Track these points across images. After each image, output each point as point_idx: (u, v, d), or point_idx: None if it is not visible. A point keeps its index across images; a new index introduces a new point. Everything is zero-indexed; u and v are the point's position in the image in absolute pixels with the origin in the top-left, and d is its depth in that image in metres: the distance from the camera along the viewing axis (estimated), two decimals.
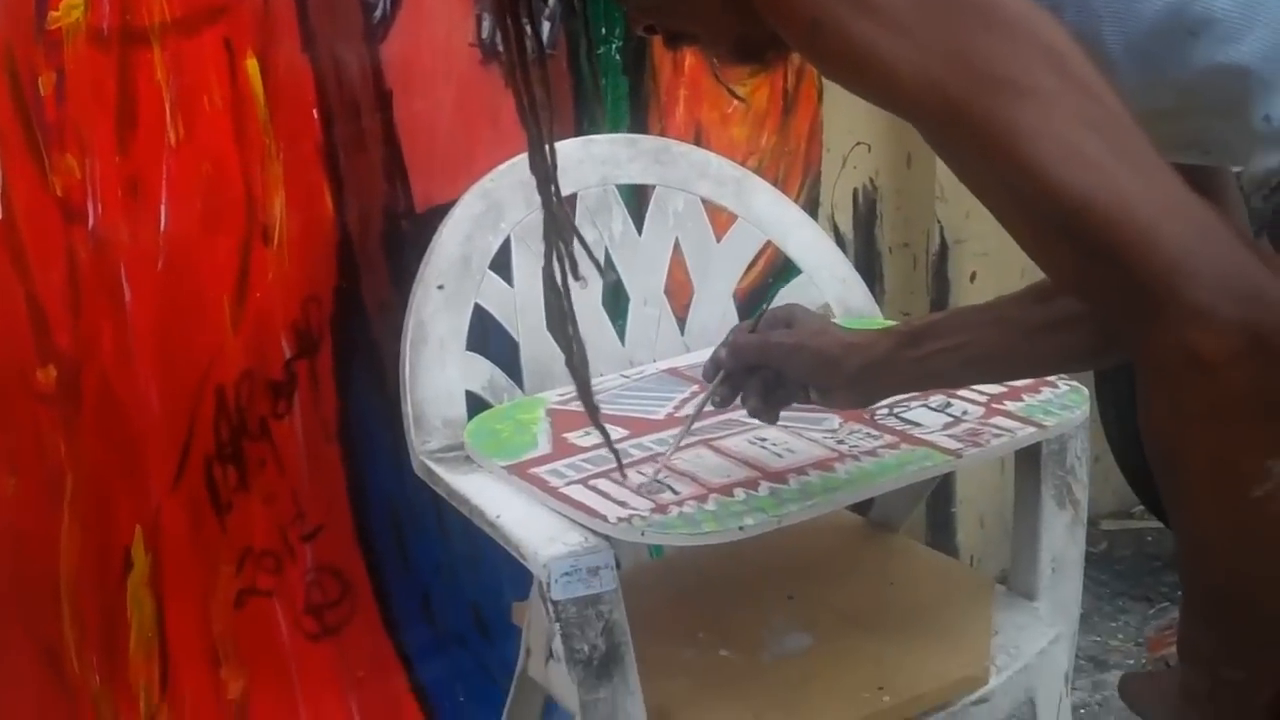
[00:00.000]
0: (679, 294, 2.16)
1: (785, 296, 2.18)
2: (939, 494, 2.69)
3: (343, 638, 2.26)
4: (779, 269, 2.28)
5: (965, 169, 1.05)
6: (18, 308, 1.92)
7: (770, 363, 1.60)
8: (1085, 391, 1.89)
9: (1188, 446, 0.98)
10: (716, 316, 2.16)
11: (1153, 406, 1.00)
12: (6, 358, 1.93)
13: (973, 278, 2.63)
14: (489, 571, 2.28)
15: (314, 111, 2.06)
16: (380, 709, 2.28)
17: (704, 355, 2.05)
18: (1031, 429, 1.82)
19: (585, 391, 1.58)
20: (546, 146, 1.42)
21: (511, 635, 1.99)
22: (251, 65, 2.00)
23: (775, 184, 2.29)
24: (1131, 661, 2.65)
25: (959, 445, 1.77)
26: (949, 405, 1.87)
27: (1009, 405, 1.86)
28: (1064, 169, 0.97)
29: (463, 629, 2.35)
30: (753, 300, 2.26)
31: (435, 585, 2.32)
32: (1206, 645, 1.10)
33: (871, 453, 1.76)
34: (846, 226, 2.59)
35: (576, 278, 1.50)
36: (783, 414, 1.78)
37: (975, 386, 1.88)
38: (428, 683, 2.33)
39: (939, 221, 2.59)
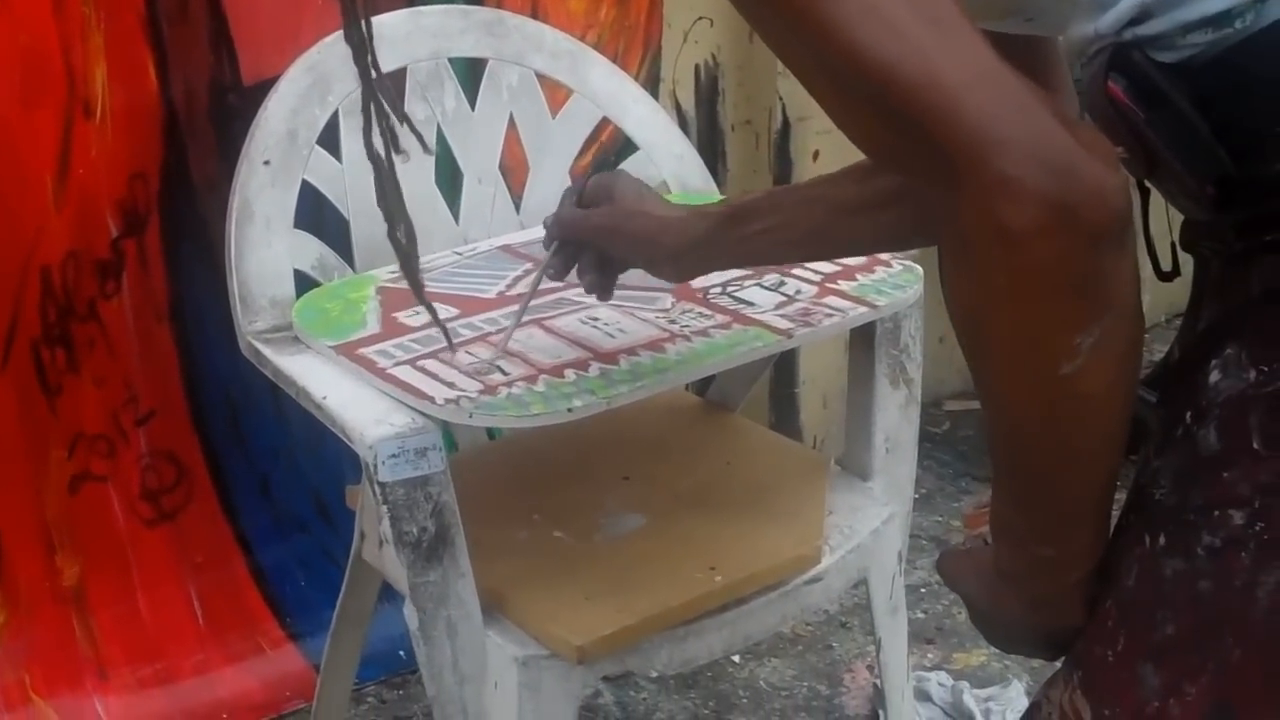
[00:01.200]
0: (516, 171, 2.13)
1: None
2: (782, 375, 2.69)
3: (180, 523, 2.24)
4: (620, 147, 2.25)
5: (772, 38, 1.03)
6: None
7: (590, 240, 1.60)
8: (919, 270, 1.89)
9: (994, 323, 0.97)
10: (553, 194, 2.10)
11: (958, 282, 0.98)
12: None
13: (815, 156, 2.62)
14: (329, 455, 2.25)
15: None
16: (220, 594, 2.27)
17: (539, 233, 2.05)
18: (864, 309, 1.82)
19: (409, 266, 1.56)
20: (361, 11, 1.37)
21: (352, 519, 1.97)
22: None
23: (615, 59, 2.26)
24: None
25: (790, 325, 1.77)
26: (782, 284, 1.86)
27: (842, 285, 1.86)
28: (869, 35, 0.94)
29: (303, 513, 2.33)
30: None
31: (274, 469, 2.30)
32: (1019, 524, 1.10)
33: (703, 333, 1.75)
34: (688, 104, 2.57)
35: (398, 151, 1.47)
36: (616, 294, 1.77)
37: (809, 265, 1.88)
38: (268, 568, 2.32)
39: (781, 98, 2.57)
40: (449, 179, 2.08)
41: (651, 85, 2.44)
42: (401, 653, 2.28)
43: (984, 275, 0.95)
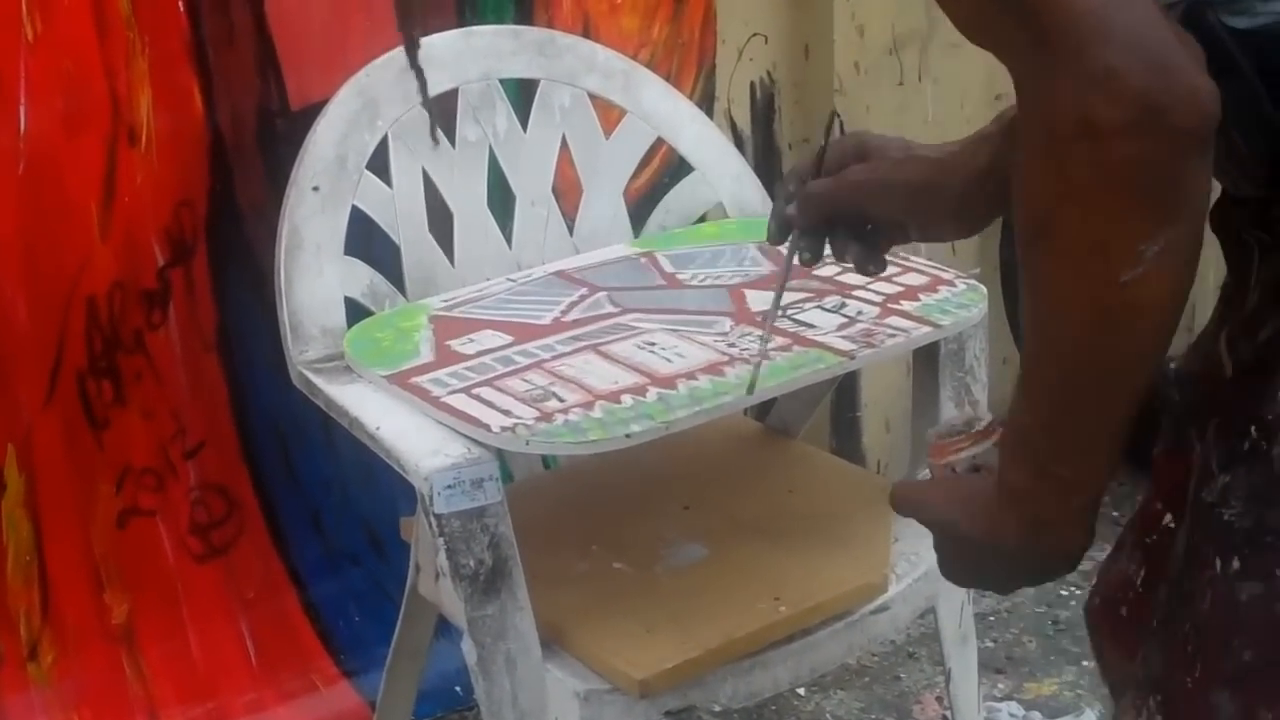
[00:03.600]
0: (568, 194, 2.09)
1: (677, 196, 2.12)
2: (843, 398, 2.64)
3: (230, 558, 2.20)
4: (675, 168, 2.21)
5: None
6: None
7: (853, 206, 1.40)
8: (983, 290, 1.84)
9: (1063, 222, 0.95)
10: (607, 217, 2.08)
11: (1034, 177, 0.96)
12: None
13: None
14: (382, 486, 2.21)
15: (179, 4, 1.96)
16: (272, 631, 2.23)
17: (593, 257, 2.02)
18: (927, 328, 1.77)
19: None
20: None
21: (406, 551, 1.93)
22: None
23: (668, 78, 2.22)
24: None
25: (853, 346, 1.72)
26: (843, 305, 1.81)
27: (905, 305, 1.80)
28: None
29: (355, 546, 2.29)
30: (647, 201, 2.18)
31: (325, 502, 2.26)
32: (1040, 443, 1.07)
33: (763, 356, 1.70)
34: (744, 122, 2.52)
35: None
36: (673, 317, 1.72)
37: (871, 287, 1.83)
38: (320, 602, 2.27)
39: (838, 115, 2.51)
40: (500, 202, 2.04)
41: (706, 104, 2.39)
42: (458, 689, 2.24)
43: (1063, 170, 0.93)
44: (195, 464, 2.14)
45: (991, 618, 2.50)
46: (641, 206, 2.14)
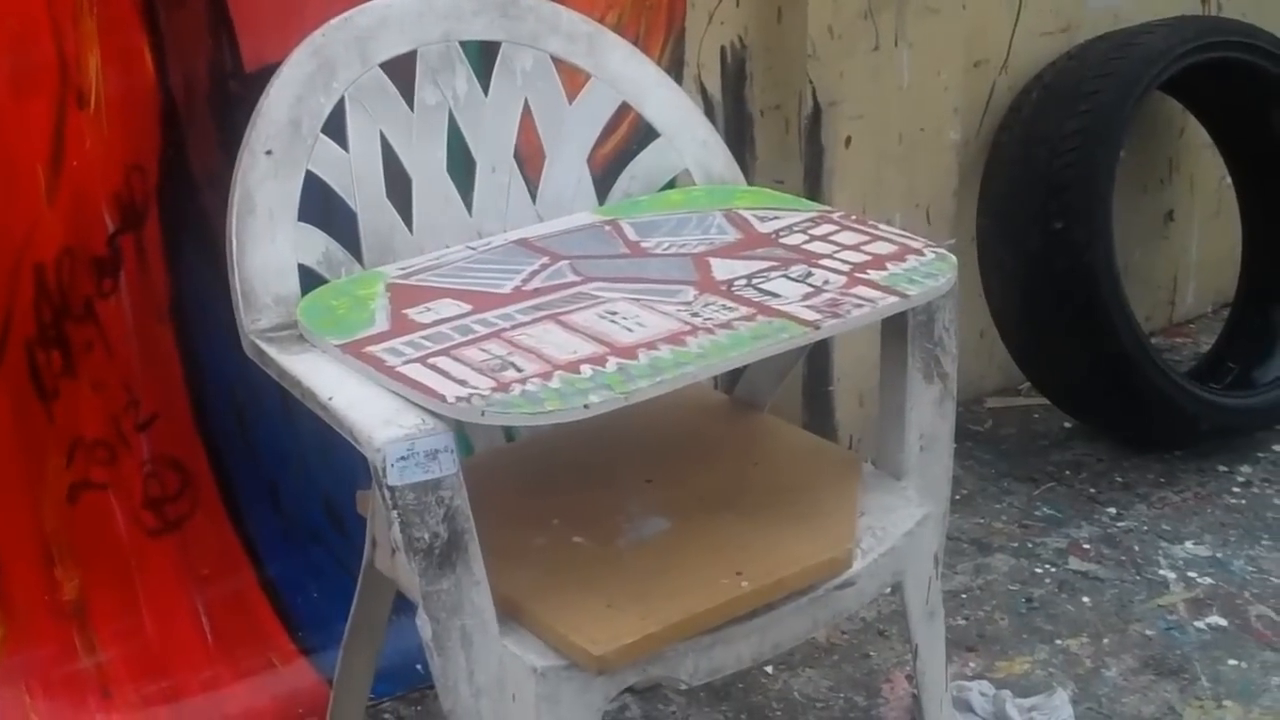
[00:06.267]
0: (532, 160, 2.04)
1: (643, 162, 2.06)
2: (815, 372, 2.59)
3: (185, 533, 2.16)
4: (643, 134, 2.16)
5: None
6: None
7: None
8: (953, 260, 1.80)
9: None
10: (571, 184, 2.03)
11: None
12: None
13: (848, 142, 2.52)
14: (341, 459, 2.15)
15: None
16: (228, 607, 2.18)
17: (556, 225, 1.97)
18: (894, 298, 1.72)
19: None
20: None
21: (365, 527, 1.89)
22: None
23: (635, 42, 2.17)
24: (1016, 544, 2.59)
25: (817, 316, 1.67)
26: (810, 275, 1.77)
27: (872, 274, 1.76)
28: None
29: (314, 521, 2.25)
30: (614, 168, 2.13)
31: (283, 475, 2.22)
32: None
33: (726, 325, 1.66)
34: (714, 88, 2.47)
35: None
36: (633, 285, 1.67)
37: (838, 256, 1.79)
38: (278, 579, 2.23)
39: (811, 82, 2.47)
40: (462, 168, 1.99)
41: (675, 69, 2.35)
42: (419, 666, 2.19)
43: None
44: (148, 436, 2.09)
45: (964, 595, 2.46)
46: (608, 174, 2.09)
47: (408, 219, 1.93)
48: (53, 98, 1.90)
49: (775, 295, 1.73)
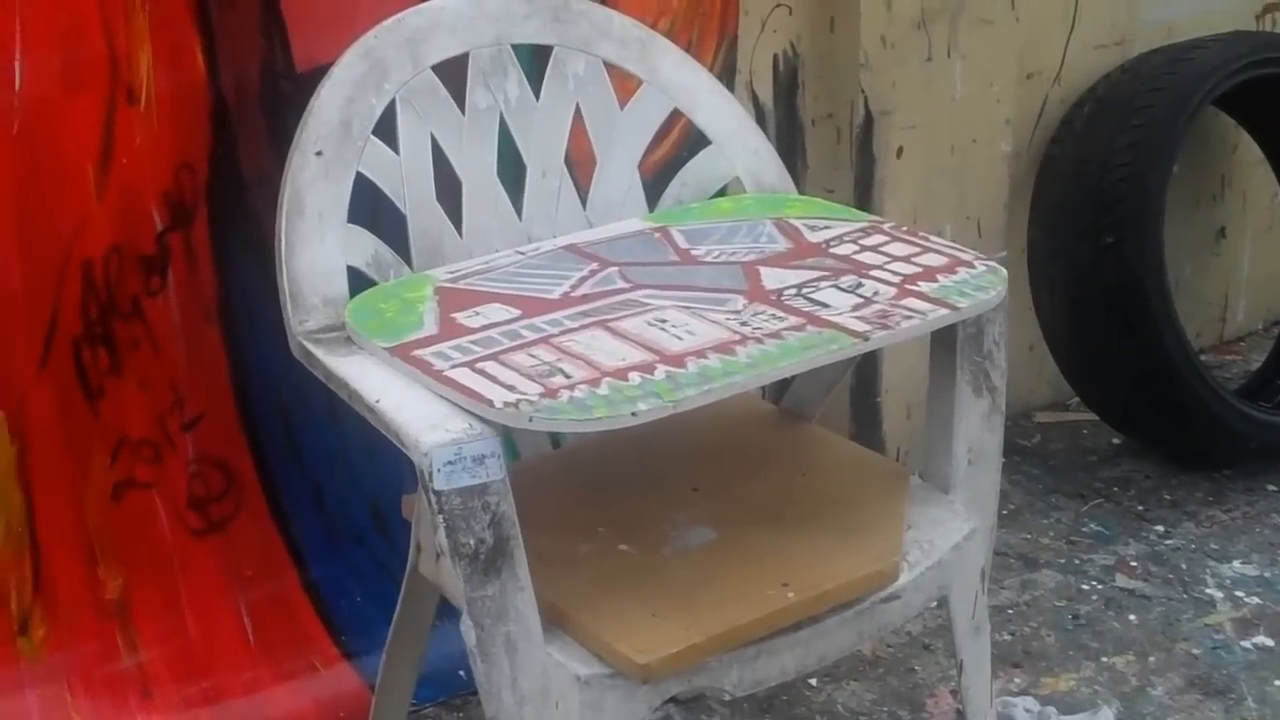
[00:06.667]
0: (582, 165, 2.03)
1: (693, 169, 2.05)
2: (863, 384, 2.58)
3: (229, 534, 2.15)
4: (694, 141, 2.14)
5: None
6: None
7: None
8: (1003, 273, 1.78)
9: None
10: (621, 190, 2.02)
11: None
12: None
13: (899, 152, 2.51)
14: (386, 463, 2.15)
15: None
16: (271, 609, 2.18)
17: (605, 231, 1.96)
18: (944, 311, 1.71)
19: None
20: None
21: (410, 531, 1.88)
22: None
23: (688, 49, 2.16)
24: (1063, 560, 2.57)
25: (867, 328, 1.66)
26: (859, 286, 1.75)
27: (923, 286, 1.74)
28: None
29: (358, 524, 2.24)
30: (664, 174, 2.12)
31: (328, 478, 2.21)
32: None
33: (775, 335, 1.65)
34: (766, 96, 2.46)
35: None
36: (685, 294, 1.66)
37: (888, 267, 1.77)
38: (321, 582, 2.22)
39: (864, 91, 2.46)
40: (511, 172, 1.98)
41: (727, 76, 2.33)
42: (461, 672, 2.19)
43: None
44: (193, 436, 2.09)
45: (1010, 610, 2.44)
46: (658, 180, 2.08)
47: (457, 222, 1.93)
48: (103, 94, 1.90)
49: (825, 305, 1.71)
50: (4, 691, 2.00)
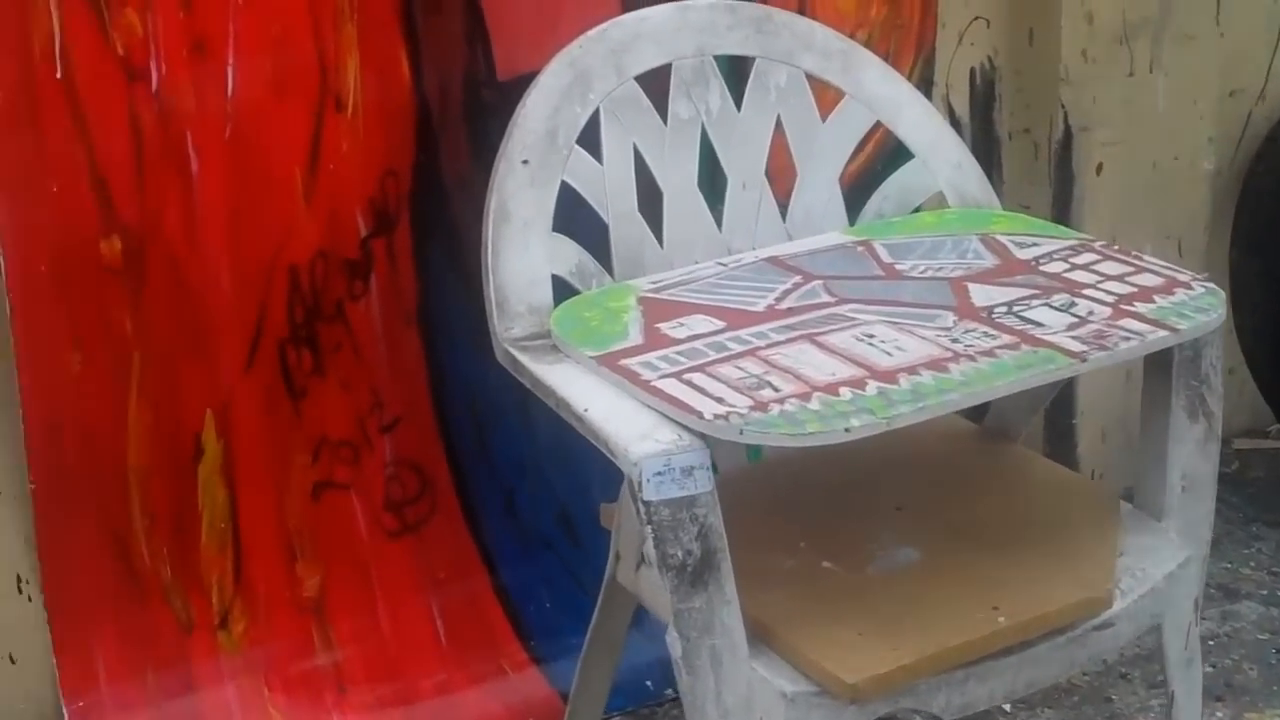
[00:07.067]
0: (779, 178, 2.01)
1: (895, 182, 2.03)
2: (1058, 403, 2.53)
3: (423, 536, 2.17)
4: (889, 154, 2.12)
5: None
6: (80, 173, 1.83)
7: None
8: (1221, 294, 1.73)
9: None
10: (821, 203, 2.00)
11: None
12: (70, 225, 1.85)
13: (1099, 169, 2.46)
14: (578, 470, 2.17)
15: None
16: (462, 612, 2.19)
17: (807, 244, 1.94)
18: (1163, 332, 1.66)
19: None
20: None
21: (600, 538, 1.88)
22: None
23: (885, 60, 2.13)
24: (1265, 592, 2.51)
25: (1084, 348, 1.62)
26: (1073, 305, 1.72)
27: (1139, 306, 1.70)
28: None
29: (548, 530, 2.24)
30: (860, 187, 2.10)
31: (519, 483, 2.21)
32: None
33: (989, 353, 1.62)
34: (962, 109, 2.43)
35: None
36: (892, 309, 1.64)
37: (1102, 286, 1.74)
38: (511, 586, 2.23)
39: (1063, 106, 2.42)
40: (710, 183, 1.97)
41: (924, 89, 2.31)
42: (649, 683, 2.18)
43: None
44: (391, 438, 2.10)
45: (1210, 642, 2.38)
46: (852, 193, 2.06)
47: (657, 233, 1.92)
48: (312, 101, 1.92)
49: (1038, 324, 1.68)
50: (205, 683, 2.04)
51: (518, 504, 2.21)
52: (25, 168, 1.79)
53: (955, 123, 2.41)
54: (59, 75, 1.77)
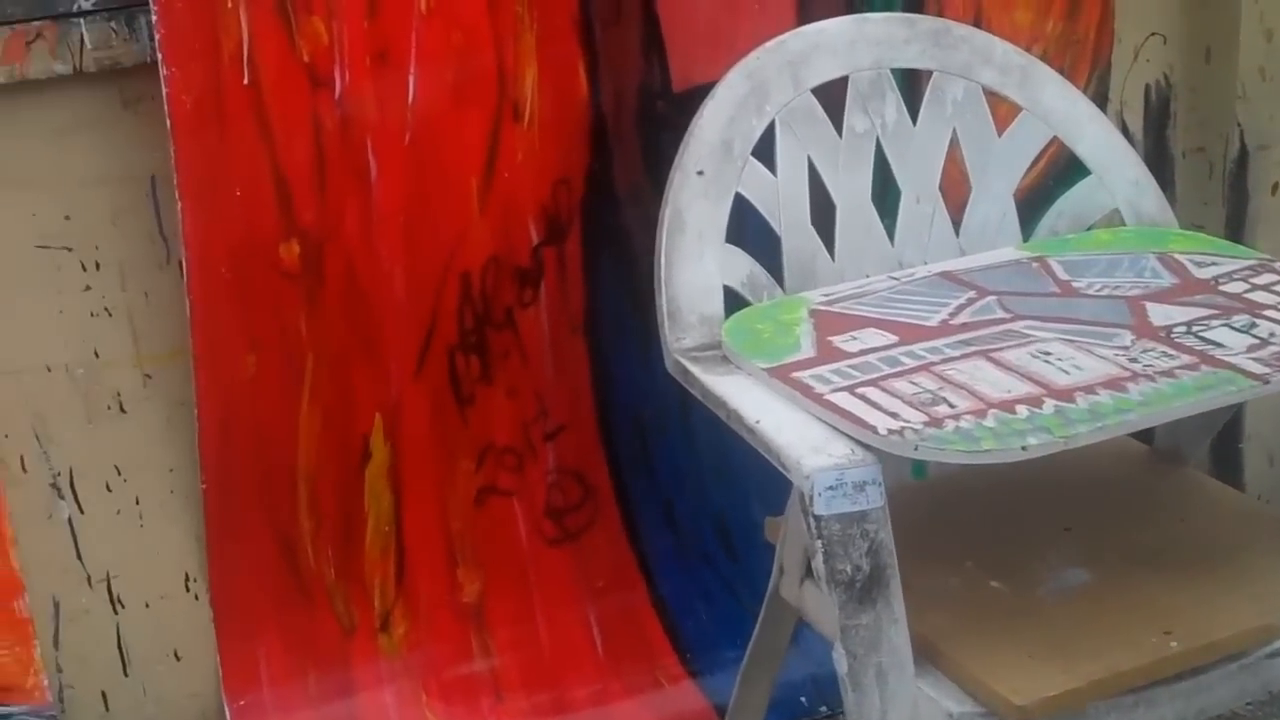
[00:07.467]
0: (952, 192, 1.99)
1: (1071, 199, 2.00)
2: (1225, 427, 2.48)
3: (582, 544, 2.17)
4: (1060, 170, 2.10)
5: None
6: (263, 178, 1.86)
7: None
8: None
9: None
10: (995, 218, 1.98)
11: None
12: (251, 229, 1.88)
13: (1275, 189, 2.41)
14: (738, 482, 2.17)
15: None
16: (619, 622, 2.19)
17: (980, 259, 1.93)
18: None
19: None
20: None
21: (757, 552, 1.88)
22: None
23: (1061, 75, 2.10)
24: None
25: (1266, 370, 1.59)
26: (1254, 326, 1.68)
27: None
28: None
29: (706, 543, 2.24)
30: (1031, 203, 2.07)
31: (679, 494, 2.21)
32: None
33: (1168, 373, 1.59)
34: (1136, 126, 2.39)
35: None
36: (1069, 326, 1.62)
37: None
38: (669, 597, 2.23)
39: (1239, 124, 2.38)
40: (882, 196, 1.96)
41: (1098, 104, 2.27)
42: (803, 699, 2.17)
43: None
44: (554, 446, 2.11)
45: None
46: (1023, 208, 2.03)
47: (829, 245, 1.91)
48: (490, 110, 1.94)
49: (1218, 345, 1.65)
50: (365, 685, 2.06)
51: (677, 515, 2.21)
52: (211, 171, 1.83)
53: (1129, 140, 2.37)
54: (246, 81, 1.80)
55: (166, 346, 1.94)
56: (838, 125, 1.91)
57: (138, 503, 2.00)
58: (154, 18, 1.76)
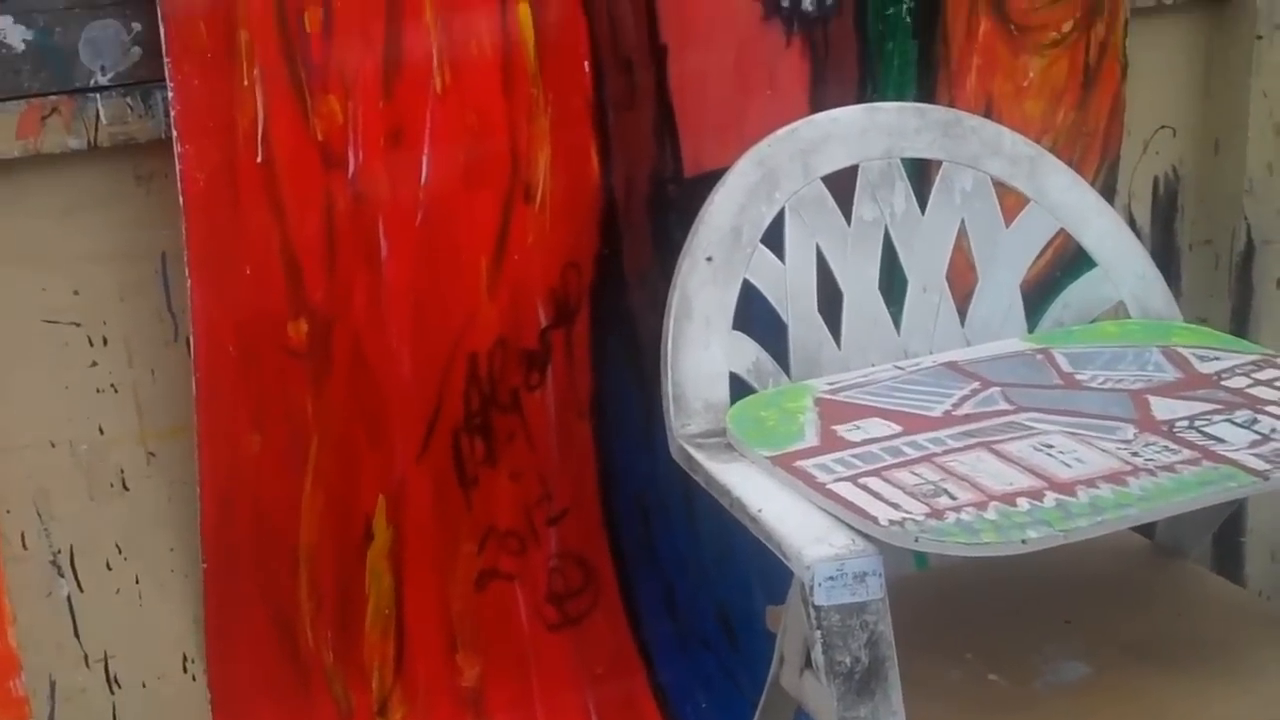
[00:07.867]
0: (958, 282, 2.00)
1: (1077, 291, 2.01)
2: (1227, 521, 2.47)
3: (583, 630, 2.16)
4: (1067, 261, 2.11)
5: None
6: (272, 256, 1.86)
7: None
8: None
9: None
10: (1001, 309, 1.99)
11: None
12: (260, 307, 1.88)
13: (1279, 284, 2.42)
14: (739, 570, 2.16)
15: (585, 64, 1.95)
16: (619, 708, 2.17)
17: (985, 350, 1.93)
18: None
19: None
20: None
21: (758, 640, 1.88)
22: (524, 11, 1.90)
23: (1070, 166, 2.12)
24: None
25: (1267, 466, 1.59)
26: (1256, 421, 1.69)
27: None
28: None
29: (707, 630, 2.22)
30: (1038, 294, 2.08)
31: (680, 581, 2.20)
32: None
33: (1169, 468, 1.59)
34: (1143, 218, 2.40)
35: None
36: (1072, 419, 1.62)
37: None
38: (669, 685, 2.21)
39: (1246, 218, 2.39)
40: (888, 285, 1.96)
41: (1107, 196, 2.28)
42: None
43: None
44: (557, 530, 2.11)
45: None
46: (1028, 299, 2.04)
47: (835, 333, 1.92)
48: (501, 192, 1.95)
49: (1220, 440, 1.65)
50: None
51: (678, 601, 2.19)
52: (222, 249, 1.83)
53: (1136, 231, 2.38)
54: (259, 159, 1.81)
55: (170, 423, 1.94)
56: (846, 213, 1.93)
57: (137, 581, 1.99)
58: (170, 94, 1.77)
